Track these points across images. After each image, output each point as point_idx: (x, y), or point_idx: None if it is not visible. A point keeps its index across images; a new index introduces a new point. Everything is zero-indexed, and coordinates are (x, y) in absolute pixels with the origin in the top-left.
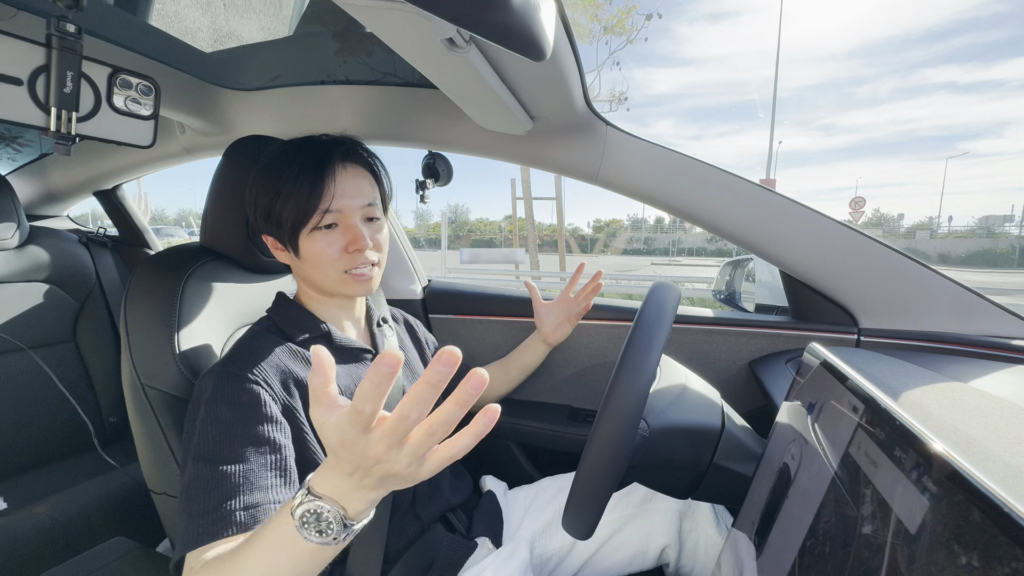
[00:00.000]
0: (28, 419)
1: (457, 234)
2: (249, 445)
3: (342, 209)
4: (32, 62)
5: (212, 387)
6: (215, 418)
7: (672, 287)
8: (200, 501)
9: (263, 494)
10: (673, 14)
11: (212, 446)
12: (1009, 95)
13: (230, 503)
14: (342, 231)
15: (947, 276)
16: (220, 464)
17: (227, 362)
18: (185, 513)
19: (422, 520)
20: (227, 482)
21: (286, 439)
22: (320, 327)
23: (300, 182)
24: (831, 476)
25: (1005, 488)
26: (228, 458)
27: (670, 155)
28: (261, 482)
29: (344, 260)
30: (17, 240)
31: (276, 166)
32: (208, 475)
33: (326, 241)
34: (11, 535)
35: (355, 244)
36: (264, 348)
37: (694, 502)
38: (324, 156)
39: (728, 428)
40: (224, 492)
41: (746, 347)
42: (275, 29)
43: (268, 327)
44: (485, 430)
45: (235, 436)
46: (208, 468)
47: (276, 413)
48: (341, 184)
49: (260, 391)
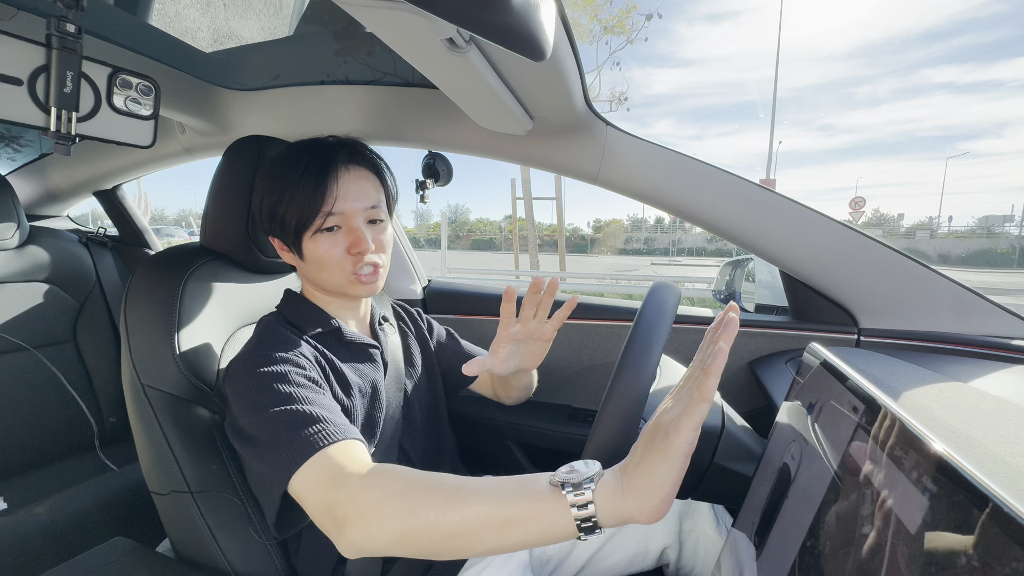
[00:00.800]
0: (28, 419)
1: (457, 234)
2: (296, 387)
3: (345, 212)
4: (32, 62)
5: (245, 364)
6: (254, 378)
7: (672, 287)
8: (279, 434)
9: (335, 409)
10: (673, 14)
11: (262, 397)
12: (1008, 95)
13: (316, 425)
14: (345, 233)
15: (947, 276)
16: (287, 403)
17: (253, 347)
18: (277, 445)
19: None
20: (295, 415)
21: (326, 388)
22: (330, 322)
23: (303, 184)
24: (831, 476)
25: (1005, 488)
26: (289, 397)
27: (670, 155)
28: (319, 411)
29: (347, 262)
30: (17, 240)
31: (281, 168)
32: (276, 417)
33: (329, 243)
34: (11, 535)
35: (357, 247)
36: (283, 335)
37: (694, 502)
38: (328, 158)
39: (728, 428)
40: (300, 418)
41: (746, 347)
42: (275, 29)
43: (280, 321)
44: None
45: (285, 377)
46: (271, 413)
47: (315, 375)
48: (344, 187)
49: (295, 358)
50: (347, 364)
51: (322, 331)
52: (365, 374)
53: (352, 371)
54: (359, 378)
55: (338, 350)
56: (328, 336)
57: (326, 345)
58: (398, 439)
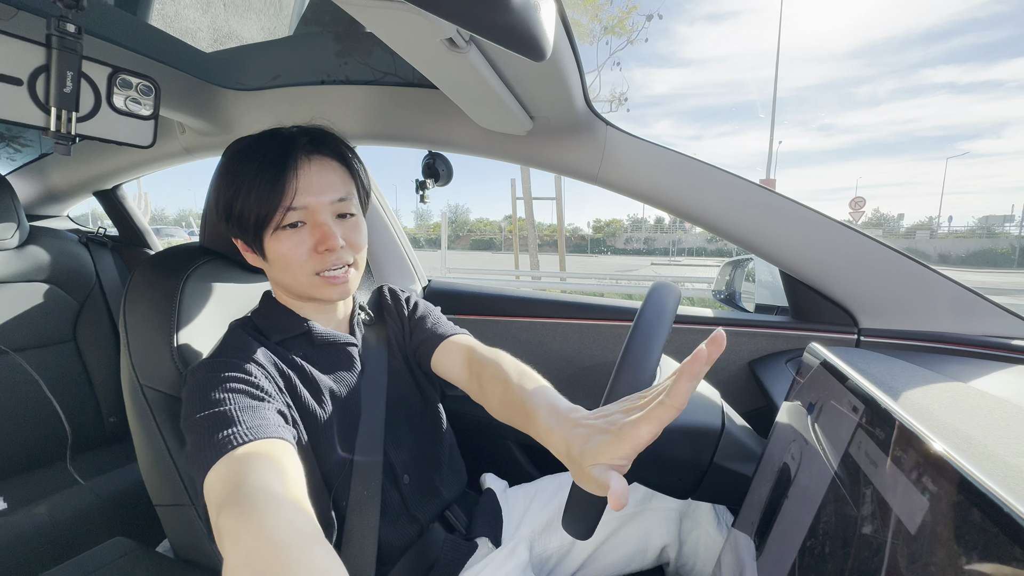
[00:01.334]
0: (28, 419)
1: (457, 234)
2: (235, 387)
3: (308, 206)
4: (32, 62)
5: (200, 374)
6: (203, 383)
7: (672, 287)
8: (208, 438)
9: (259, 414)
10: (673, 15)
11: (202, 402)
12: (1008, 95)
13: (230, 429)
14: (310, 230)
15: (947, 276)
16: (213, 407)
17: (210, 354)
18: (192, 450)
19: (419, 521)
20: (224, 415)
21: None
22: (301, 325)
23: (261, 176)
24: (831, 476)
25: (1005, 488)
26: (219, 401)
27: (670, 155)
28: (245, 412)
29: (314, 261)
30: (17, 240)
31: (237, 160)
32: (207, 421)
33: (293, 241)
34: (11, 535)
35: (324, 243)
36: (242, 343)
37: (694, 502)
38: (287, 148)
39: (728, 428)
40: (224, 422)
41: (746, 347)
42: (275, 29)
43: (247, 327)
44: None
45: (221, 384)
46: (201, 421)
47: (267, 386)
48: (306, 179)
49: (249, 367)
50: (318, 367)
51: (291, 336)
52: (340, 377)
53: (324, 374)
54: (332, 381)
55: (309, 353)
56: (298, 340)
57: (295, 350)
58: (382, 445)
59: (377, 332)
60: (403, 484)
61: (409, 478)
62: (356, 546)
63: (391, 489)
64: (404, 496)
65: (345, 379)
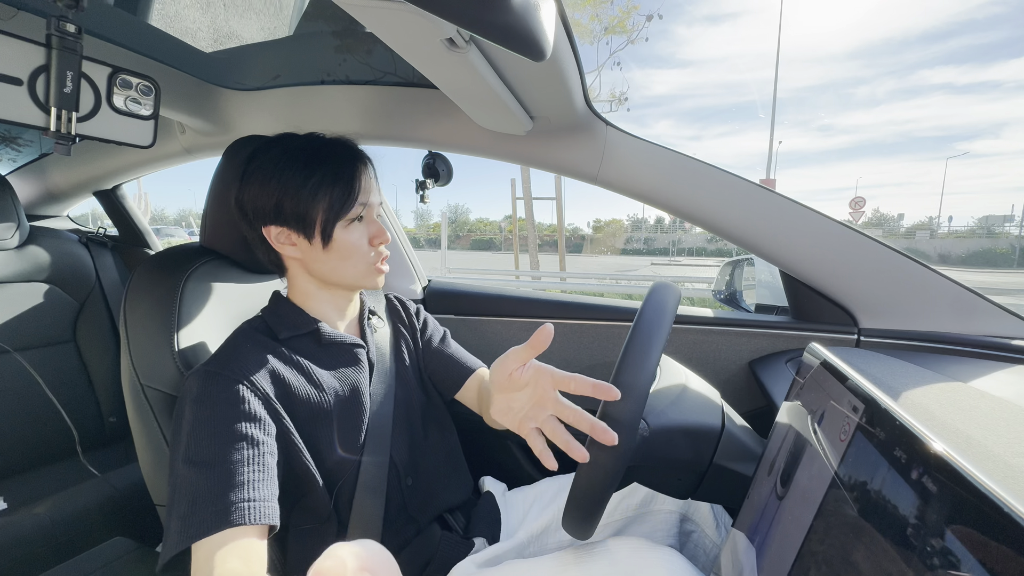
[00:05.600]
0: (29, 419)
1: (457, 234)
2: (229, 444)
3: (370, 204)
4: (32, 62)
5: (197, 388)
6: (199, 418)
7: (672, 287)
8: (184, 503)
9: (240, 492)
10: (673, 15)
11: (196, 448)
12: (1006, 96)
13: (211, 505)
14: (367, 225)
15: (947, 276)
16: (202, 466)
17: (211, 362)
18: (173, 514)
19: (418, 522)
20: (208, 483)
21: (267, 436)
22: (310, 324)
23: (341, 174)
24: (831, 476)
25: (1005, 488)
26: (209, 460)
27: (670, 155)
28: (238, 479)
29: (370, 252)
30: (17, 240)
31: (303, 160)
32: (192, 477)
33: (359, 233)
34: (11, 535)
35: (380, 237)
36: (248, 347)
37: (694, 502)
38: (354, 151)
39: (728, 428)
40: (207, 491)
41: (746, 347)
42: (275, 29)
43: (257, 326)
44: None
45: (216, 435)
46: (191, 470)
47: (258, 410)
48: (366, 182)
49: (242, 389)
50: (324, 367)
51: (299, 334)
52: (346, 376)
53: (330, 374)
54: (338, 381)
55: (315, 353)
56: (304, 339)
57: (300, 349)
58: (388, 447)
59: (386, 336)
60: (405, 486)
61: (412, 481)
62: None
63: (393, 490)
64: (405, 498)
65: (351, 379)
